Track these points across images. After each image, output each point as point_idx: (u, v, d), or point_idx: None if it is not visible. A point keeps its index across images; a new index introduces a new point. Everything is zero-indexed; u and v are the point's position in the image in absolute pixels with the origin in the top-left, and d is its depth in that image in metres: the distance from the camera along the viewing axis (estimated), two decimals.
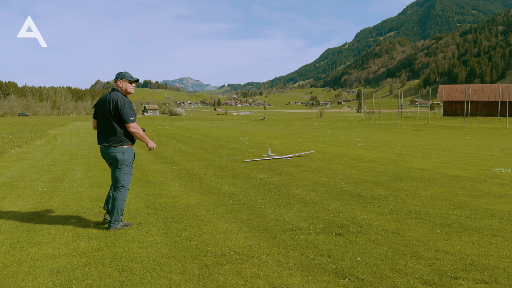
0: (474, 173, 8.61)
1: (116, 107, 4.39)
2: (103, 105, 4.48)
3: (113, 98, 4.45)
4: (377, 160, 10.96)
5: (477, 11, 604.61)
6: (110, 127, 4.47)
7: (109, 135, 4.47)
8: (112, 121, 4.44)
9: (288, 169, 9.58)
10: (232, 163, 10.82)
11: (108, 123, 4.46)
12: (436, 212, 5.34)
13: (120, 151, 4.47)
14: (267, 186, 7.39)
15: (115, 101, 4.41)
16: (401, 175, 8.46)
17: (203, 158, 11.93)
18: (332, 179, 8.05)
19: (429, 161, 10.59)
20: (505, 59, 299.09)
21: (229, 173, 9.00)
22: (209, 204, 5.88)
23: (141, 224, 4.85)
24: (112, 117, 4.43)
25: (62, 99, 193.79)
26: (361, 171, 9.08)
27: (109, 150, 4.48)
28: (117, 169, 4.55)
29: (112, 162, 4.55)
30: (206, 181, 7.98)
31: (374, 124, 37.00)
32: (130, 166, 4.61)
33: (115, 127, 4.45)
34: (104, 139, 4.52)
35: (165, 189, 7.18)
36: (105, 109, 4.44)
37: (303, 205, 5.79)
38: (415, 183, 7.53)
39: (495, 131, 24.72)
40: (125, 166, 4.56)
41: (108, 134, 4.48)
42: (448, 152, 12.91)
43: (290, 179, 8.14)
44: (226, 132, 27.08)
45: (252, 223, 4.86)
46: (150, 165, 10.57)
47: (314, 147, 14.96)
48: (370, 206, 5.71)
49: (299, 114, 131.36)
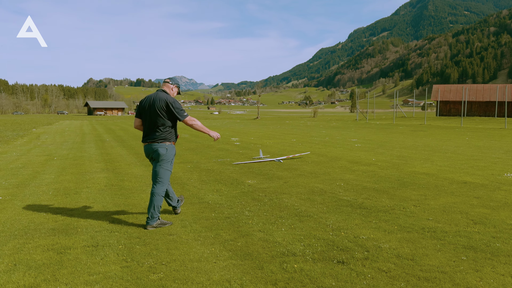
0: (484, 178, 7.83)
1: (168, 106, 4.58)
2: (152, 104, 4.62)
3: (163, 98, 4.63)
4: (376, 163, 10.14)
5: (469, 12, 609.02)
6: (157, 125, 4.63)
7: (155, 132, 4.65)
8: (160, 119, 4.61)
9: (281, 173, 8.72)
10: (219, 166, 9.94)
11: (155, 121, 4.62)
12: (453, 229, 4.51)
13: (163, 146, 4.63)
14: (256, 194, 6.52)
15: (166, 100, 4.61)
16: (405, 181, 7.64)
17: (189, 160, 11.03)
18: (329, 185, 7.21)
19: (432, 165, 9.80)
20: (497, 60, 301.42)
21: (215, 178, 8.12)
22: (186, 218, 5.00)
23: (98, 246, 3.95)
24: (160, 115, 4.60)
25: (53, 97, 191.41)
26: (361, 176, 8.25)
27: (152, 146, 4.65)
28: (157, 164, 4.70)
29: (154, 157, 4.69)
30: (188, 188, 7.09)
31: (369, 124, 36.30)
32: (170, 163, 4.75)
33: (162, 125, 4.63)
34: (149, 136, 4.68)
35: (139, 197, 6.27)
36: (155, 108, 4.60)
37: (297, 219, 4.93)
38: (422, 190, 6.71)
39: (494, 131, 24.10)
40: (166, 162, 4.71)
41: (154, 131, 4.65)
42: (450, 154, 12.15)
43: (283, 185, 7.28)
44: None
45: (235, 244, 3.99)
46: (129, 168, 9.65)
47: (308, 148, 14.13)
48: (376, 220, 4.86)
49: (293, 113, 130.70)
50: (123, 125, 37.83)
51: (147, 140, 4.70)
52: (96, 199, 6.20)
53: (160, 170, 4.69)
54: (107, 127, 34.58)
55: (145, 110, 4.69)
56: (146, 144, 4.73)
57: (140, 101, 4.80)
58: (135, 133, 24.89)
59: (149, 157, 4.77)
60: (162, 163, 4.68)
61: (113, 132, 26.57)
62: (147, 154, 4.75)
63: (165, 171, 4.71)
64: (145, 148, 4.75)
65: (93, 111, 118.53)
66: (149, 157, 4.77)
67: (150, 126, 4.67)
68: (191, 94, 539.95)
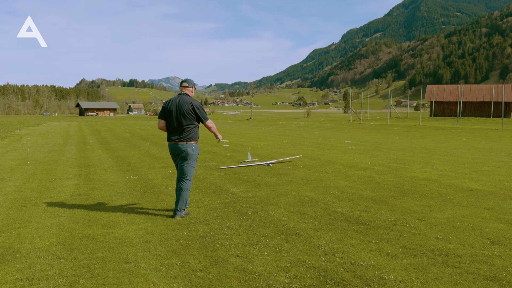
0: (491, 185, 7.14)
1: (193, 109, 4.97)
2: (180, 108, 4.95)
3: (189, 101, 5.01)
4: (372, 167, 9.43)
5: (461, 13, 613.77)
6: (183, 126, 4.97)
7: (181, 132, 4.99)
8: (187, 121, 4.97)
9: (269, 179, 7.96)
10: (204, 170, 9.17)
11: (182, 122, 4.96)
12: (469, 252, 3.78)
13: (190, 146, 5.00)
14: (239, 205, 5.75)
15: (192, 104, 4.99)
16: (405, 188, 6.93)
17: (171, 165, 10.23)
18: (321, 194, 6.46)
19: (432, 169, 9.11)
20: (489, 60, 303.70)
21: (196, 185, 7.34)
22: (152, 239, 4.22)
23: (33, 280, 3.17)
24: (186, 117, 4.96)
25: (44, 97, 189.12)
26: (356, 182, 7.52)
27: (180, 145, 4.99)
28: (185, 162, 5.05)
29: (182, 156, 5.03)
30: (164, 198, 6.31)
31: (363, 125, 35.70)
32: (195, 160, 5.14)
33: (188, 126, 4.99)
34: (176, 136, 5.02)
35: (103, 211, 5.47)
36: (183, 111, 4.94)
37: (284, 239, 4.18)
38: (426, 200, 5.99)
39: (490, 132, 23.57)
40: (193, 160, 5.09)
41: (180, 131, 4.99)
42: (450, 157, 11.49)
43: (270, 194, 6.52)
44: (206, 132, 25.33)
45: (204, 277, 3.22)
46: (104, 174, 8.83)
47: (300, 150, 13.39)
48: (376, 240, 4.13)
49: (286, 114, 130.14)
50: (112, 126, 36.85)
51: (174, 140, 5.02)
52: (54, 212, 5.39)
53: (188, 168, 5.08)
54: (94, 128, 33.60)
55: (171, 113, 5.00)
56: (173, 143, 5.06)
57: (164, 104, 5.11)
58: (121, 134, 24.00)
59: (174, 155, 5.12)
60: (189, 161, 5.07)
61: (99, 133, 25.64)
62: (174, 152, 5.09)
63: (192, 168, 5.12)
64: (172, 147, 5.09)
65: (85, 111, 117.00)
66: (175, 155, 5.11)
67: (176, 127, 5.00)
68: None
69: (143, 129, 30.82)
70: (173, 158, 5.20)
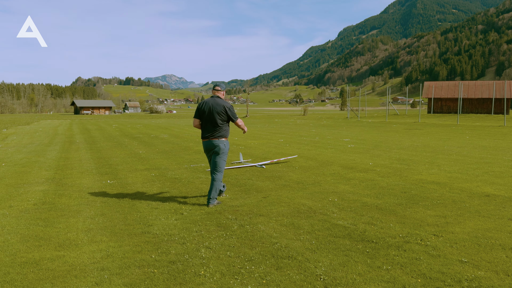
0: (509, 189, 6.37)
1: (225, 110, 5.52)
2: (212, 109, 5.49)
3: (221, 103, 5.55)
4: (374, 168, 8.65)
5: (457, 10, 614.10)
6: (217, 124, 5.51)
7: (215, 130, 5.54)
8: (219, 121, 5.51)
9: (261, 183, 7.17)
10: (190, 173, 8.36)
11: (216, 121, 5.50)
12: (506, 282, 3.00)
13: (222, 142, 5.56)
14: (224, 216, 4.96)
15: (225, 106, 5.54)
16: (413, 193, 6.15)
17: (156, 166, 9.42)
18: (319, 202, 5.68)
19: (440, 170, 8.35)
20: (485, 57, 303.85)
21: (179, 191, 6.55)
22: (110, 265, 3.40)
23: None
24: (219, 117, 5.50)
25: (40, 96, 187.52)
26: (358, 187, 6.74)
27: (213, 142, 5.54)
28: (217, 156, 5.58)
29: (216, 151, 5.56)
30: (139, 207, 5.50)
31: (361, 122, 34.95)
32: (226, 154, 5.67)
33: (220, 125, 5.54)
34: (210, 134, 5.55)
35: (64, 225, 4.66)
36: (216, 111, 5.48)
37: (274, 265, 3.38)
38: (439, 209, 5.22)
39: (493, 129, 22.86)
40: (224, 154, 5.64)
41: (214, 130, 5.53)
42: (456, 156, 10.74)
43: (261, 202, 5.73)
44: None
45: None
46: (80, 178, 8.00)
47: (296, 150, 12.60)
48: (387, 265, 3.34)
49: (283, 111, 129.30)
50: (103, 125, 35.89)
51: (208, 137, 5.57)
52: (4, 227, 4.57)
53: (220, 161, 5.60)
54: (85, 127, 32.66)
55: (205, 113, 5.54)
56: (206, 140, 5.61)
57: (199, 105, 5.65)
58: (111, 133, 23.12)
59: (208, 150, 5.65)
60: (221, 155, 5.60)
61: (88, 132, 24.75)
62: (207, 148, 5.63)
63: (223, 161, 5.65)
64: (206, 143, 5.63)
65: (80, 110, 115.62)
66: (209, 150, 5.65)
67: (210, 125, 5.54)
68: (181, 93, 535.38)
69: (135, 127, 29.91)
70: (207, 153, 5.77)
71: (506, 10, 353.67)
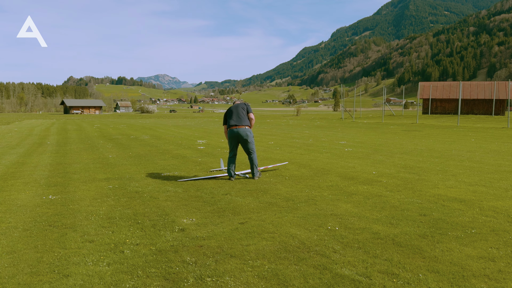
0: None
1: (245, 105, 7.49)
2: (240, 106, 7.43)
3: (243, 103, 7.54)
4: (379, 179, 7.22)
5: (449, 12, 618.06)
6: (245, 118, 7.33)
7: (243, 121, 7.26)
8: (242, 113, 7.34)
9: (241, 200, 5.69)
10: (157, 184, 6.86)
11: (243, 115, 7.33)
12: None
13: (249, 130, 7.30)
14: (180, 258, 3.48)
15: (245, 104, 7.51)
16: (436, 217, 4.71)
17: (119, 175, 7.90)
18: (315, 232, 4.22)
19: (457, 182, 6.94)
20: (476, 59, 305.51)
21: (133, 213, 5.05)
22: None
23: None
24: (245, 112, 7.39)
25: (29, 95, 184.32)
26: (363, 206, 5.29)
27: (241, 130, 7.19)
28: (248, 142, 7.24)
29: (244, 138, 7.20)
30: (68, 240, 4.00)
31: (356, 123, 33.60)
32: (253, 138, 7.41)
33: (247, 118, 7.38)
34: (236, 123, 7.23)
35: None
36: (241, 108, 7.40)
37: None
38: (479, 244, 3.78)
39: (496, 131, 21.59)
40: (251, 138, 7.31)
41: (243, 121, 7.26)
42: (469, 162, 9.36)
43: (236, 231, 4.25)
44: (186, 132, 22.96)
45: None
46: (17, 191, 6.44)
47: (287, 155, 11.14)
48: None
49: (276, 112, 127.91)
50: (85, 125, 34.10)
51: (236, 125, 7.20)
52: None
53: (251, 145, 7.27)
54: (64, 127, 30.88)
55: (232, 111, 7.36)
56: (233, 128, 7.22)
57: (229, 108, 7.49)
58: (89, 134, 21.45)
59: (236, 137, 7.25)
60: (251, 140, 7.29)
61: (65, 133, 23.07)
62: (236, 136, 7.23)
63: (253, 144, 7.32)
64: (234, 131, 7.22)
65: (70, 109, 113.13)
66: (236, 137, 7.25)
67: (238, 118, 7.25)
68: (174, 93, 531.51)
69: (118, 127, 28.22)
70: (232, 141, 7.28)
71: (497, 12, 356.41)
